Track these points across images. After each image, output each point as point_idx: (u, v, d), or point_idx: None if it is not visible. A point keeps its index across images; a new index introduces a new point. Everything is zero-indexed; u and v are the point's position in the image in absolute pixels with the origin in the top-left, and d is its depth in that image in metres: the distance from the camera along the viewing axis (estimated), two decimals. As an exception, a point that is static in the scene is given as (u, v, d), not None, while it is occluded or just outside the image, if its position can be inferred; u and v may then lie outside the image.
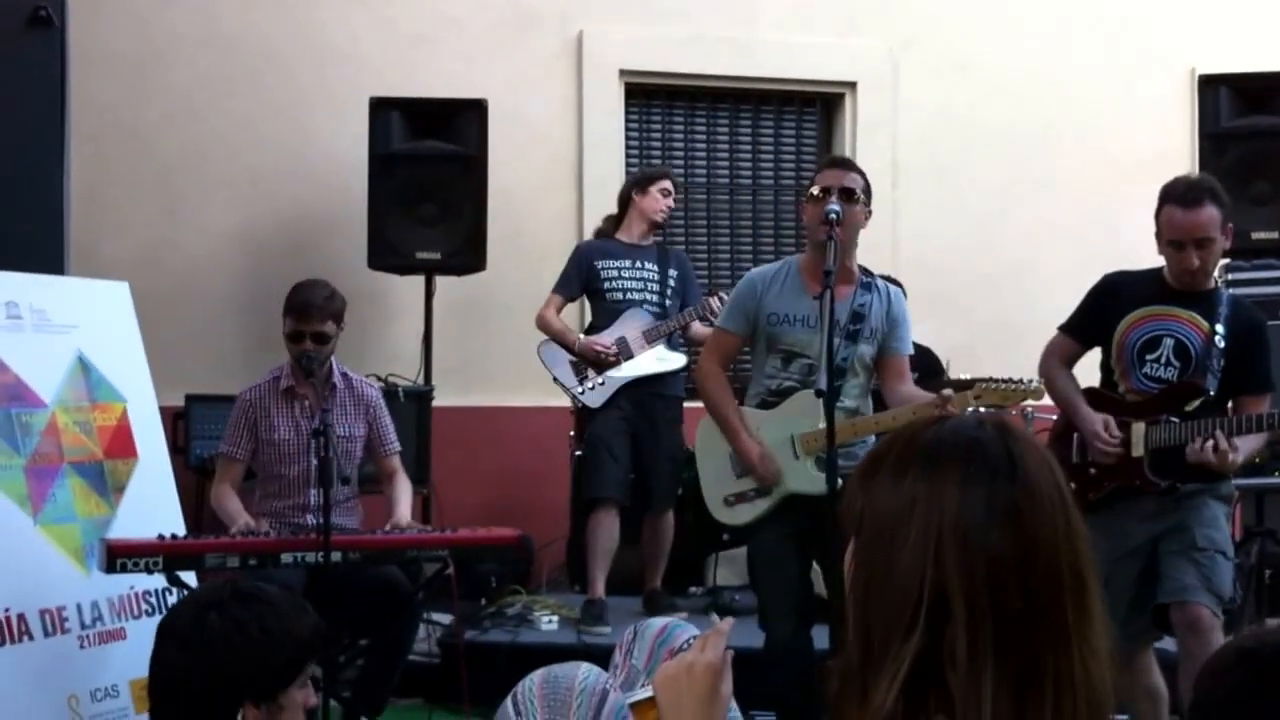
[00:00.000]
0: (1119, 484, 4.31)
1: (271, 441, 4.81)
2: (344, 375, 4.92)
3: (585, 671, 2.18)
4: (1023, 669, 1.42)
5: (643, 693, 1.95)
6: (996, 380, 4.31)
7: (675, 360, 6.07)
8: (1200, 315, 4.30)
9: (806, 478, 4.29)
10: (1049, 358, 4.57)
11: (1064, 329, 4.53)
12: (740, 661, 4.74)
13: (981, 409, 4.20)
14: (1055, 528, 1.47)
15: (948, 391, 4.28)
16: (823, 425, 4.02)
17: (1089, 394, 4.47)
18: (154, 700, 2.42)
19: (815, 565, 4.51)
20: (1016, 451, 1.49)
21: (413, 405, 6.28)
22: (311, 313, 4.77)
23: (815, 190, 4.37)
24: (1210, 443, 4.08)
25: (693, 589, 6.54)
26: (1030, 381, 4.30)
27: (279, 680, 2.36)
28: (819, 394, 3.85)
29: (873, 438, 4.52)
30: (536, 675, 2.20)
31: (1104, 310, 4.43)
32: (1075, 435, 4.41)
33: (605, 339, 5.99)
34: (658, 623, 2.48)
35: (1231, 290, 5.87)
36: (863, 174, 4.47)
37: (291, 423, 4.82)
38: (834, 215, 4.17)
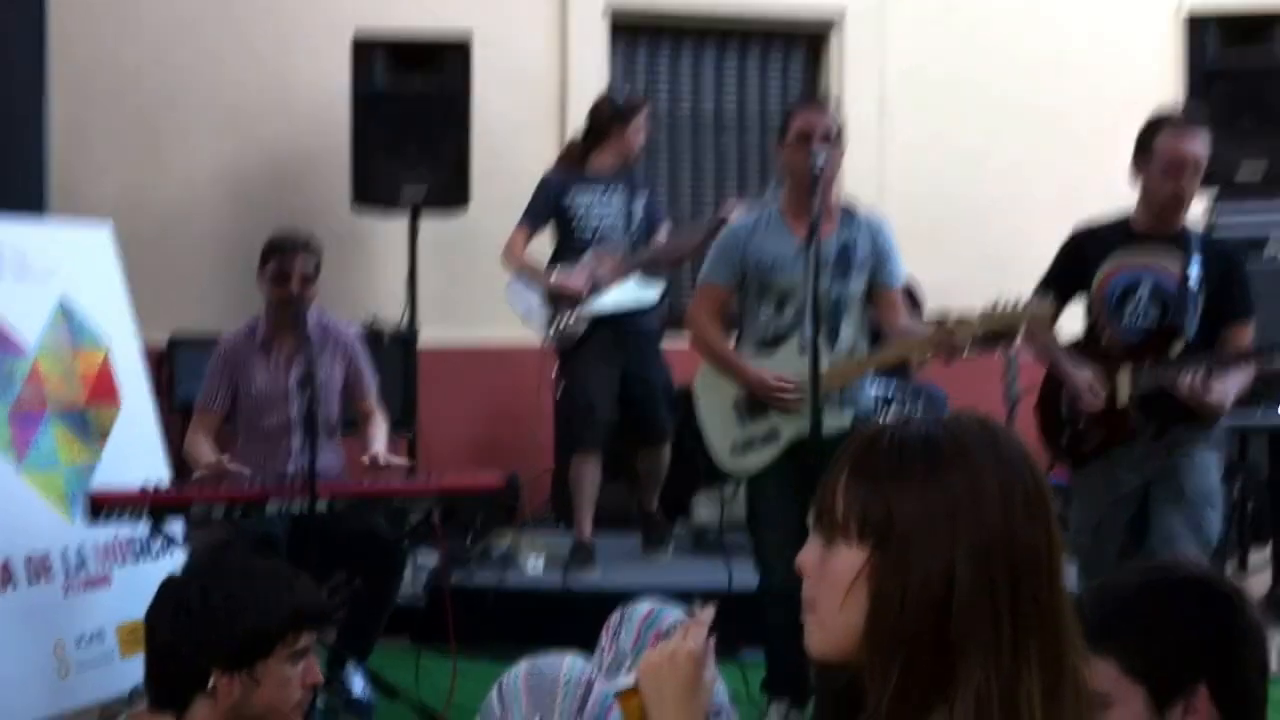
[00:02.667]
0: (1109, 434, 4.33)
1: (250, 394, 4.78)
2: (320, 320, 4.87)
3: (570, 663, 2.19)
4: (1053, 665, 1.42)
5: (626, 681, 1.97)
6: (998, 306, 4.10)
7: (651, 290, 5.96)
8: (1171, 257, 4.31)
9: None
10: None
11: (1041, 288, 4.52)
12: (733, 600, 4.82)
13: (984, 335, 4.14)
14: (1057, 518, 1.48)
15: (951, 319, 4.17)
16: (827, 367, 4.03)
17: (1075, 347, 4.49)
18: (145, 655, 2.46)
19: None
20: (1022, 445, 1.49)
21: (398, 348, 6.28)
22: (295, 251, 4.72)
23: (794, 133, 4.32)
24: (1199, 374, 4.09)
25: (678, 529, 6.57)
26: (1037, 303, 4.19)
27: (249, 650, 2.36)
28: (803, 351, 3.84)
29: (868, 386, 4.51)
30: (521, 667, 2.21)
31: (1076, 263, 4.45)
32: (1063, 391, 4.42)
33: (578, 277, 5.88)
34: (644, 606, 2.49)
35: (1218, 227, 5.92)
36: (836, 109, 4.44)
37: (269, 374, 4.79)
38: (819, 161, 4.14)
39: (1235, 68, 6.46)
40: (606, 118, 6.07)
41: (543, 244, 6.25)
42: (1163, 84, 7.61)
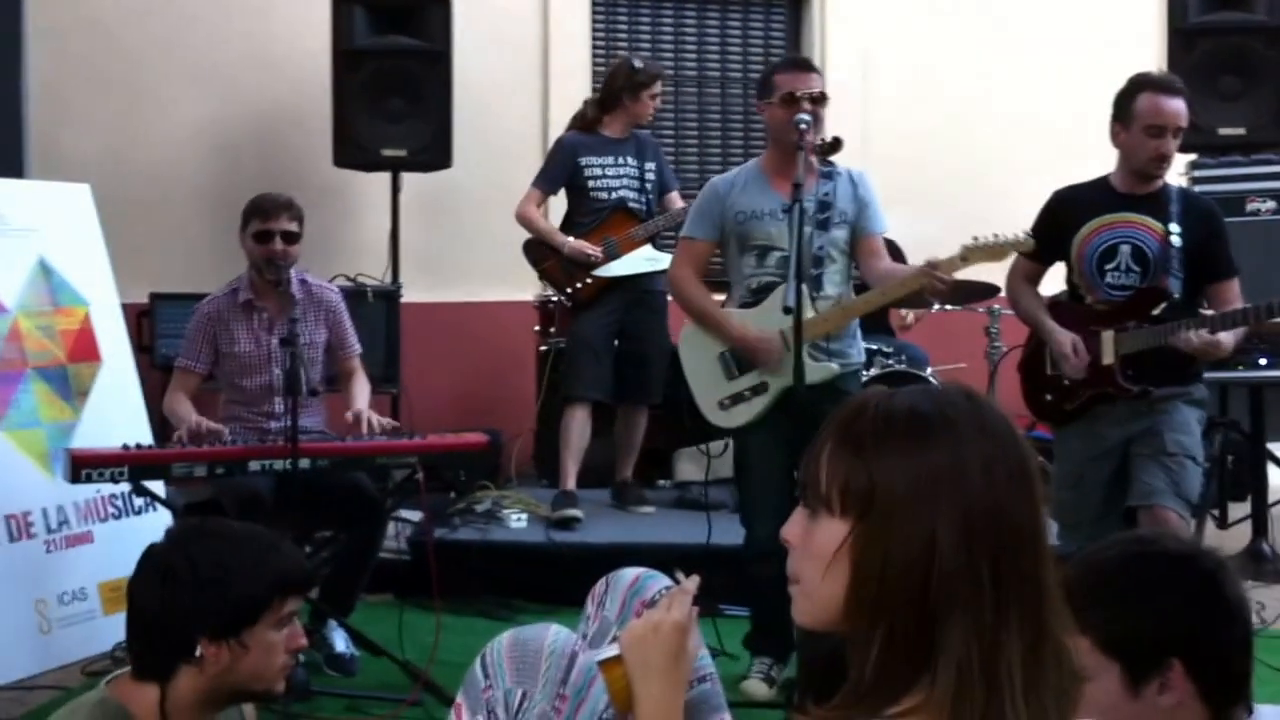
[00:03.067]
0: (1093, 393, 4.35)
1: (232, 354, 4.76)
2: (302, 281, 4.86)
3: (554, 633, 2.19)
4: (1034, 636, 1.42)
5: (610, 650, 1.98)
6: (980, 240, 4.17)
7: (663, 260, 6.01)
8: (1152, 217, 4.32)
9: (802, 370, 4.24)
10: (1013, 278, 4.63)
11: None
12: (718, 556, 4.85)
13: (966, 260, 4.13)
14: (1043, 491, 1.47)
15: (932, 258, 4.17)
16: (811, 314, 4.03)
17: (1057, 307, 4.50)
18: (127, 625, 2.45)
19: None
20: (1007, 418, 1.48)
21: (381, 305, 6.26)
22: (279, 210, 4.69)
23: (781, 93, 4.31)
24: (1201, 330, 4.11)
25: (661, 482, 6.60)
26: (1018, 234, 4.19)
27: (237, 618, 2.35)
28: (786, 311, 3.84)
29: (860, 341, 4.52)
30: (505, 638, 2.20)
31: (1057, 226, 4.45)
32: (1047, 349, 4.44)
33: (592, 241, 5.94)
34: (629, 574, 2.46)
35: (1198, 187, 5.92)
36: (819, 70, 4.43)
37: (251, 335, 4.77)
38: (805, 125, 4.14)
39: (1215, 26, 6.44)
40: (620, 85, 6.05)
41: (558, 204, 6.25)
42: (1145, 42, 7.62)
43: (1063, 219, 4.45)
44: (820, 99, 4.29)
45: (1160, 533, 2.04)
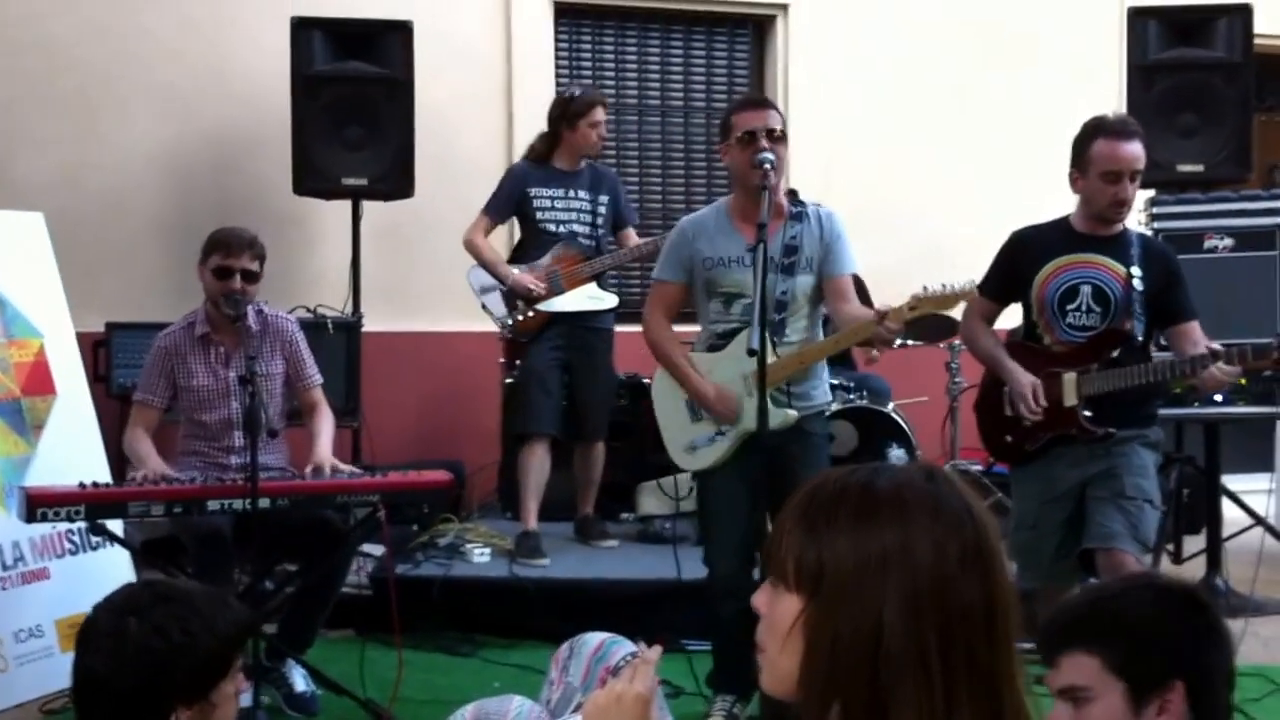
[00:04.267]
0: (1054, 434, 4.36)
1: (190, 388, 4.69)
2: (259, 312, 4.80)
3: (519, 704, 2.18)
4: (988, 713, 1.43)
5: None
6: (929, 290, 4.15)
7: (607, 300, 6.03)
8: (1113, 259, 4.34)
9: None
10: (969, 318, 4.61)
11: (981, 290, 4.46)
12: (682, 591, 4.83)
13: (915, 312, 4.11)
14: (1005, 572, 1.48)
15: (883, 306, 4.17)
16: (772, 359, 4.04)
17: (1016, 348, 4.50)
18: (78, 707, 2.39)
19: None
20: (969, 498, 1.49)
21: (341, 336, 6.20)
22: (242, 247, 4.63)
23: (739, 133, 4.30)
24: (1227, 365, 4.12)
25: (624, 515, 6.58)
26: (966, 283, 4.17)
27: (208, 679, 2.34)
28: (751, 353, 3.83)
29: (826, 382, 4.53)
30: (468, 710, 2.19)
31: (1016, 266, 4.46)
32: (1005, 388, 4.43)
33: (537, 274, 5.91)
34: (594, 639, 2.46)
35: (1156, 224, 5.98)
36: (778, 108, 4.42)
37: (209, 370, 4.71)
38: (769, 163, 4.14)
39: (1175, 63, 6.50)
40: (556, 116, 6.04)
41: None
42: (1104, 78, 7.70)
43: (1022, 259, 4.46)
44: (780, 137, 4.28)
45: (1161, 573, 2.25)
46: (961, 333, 4.67)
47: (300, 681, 4.62)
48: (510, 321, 5.95)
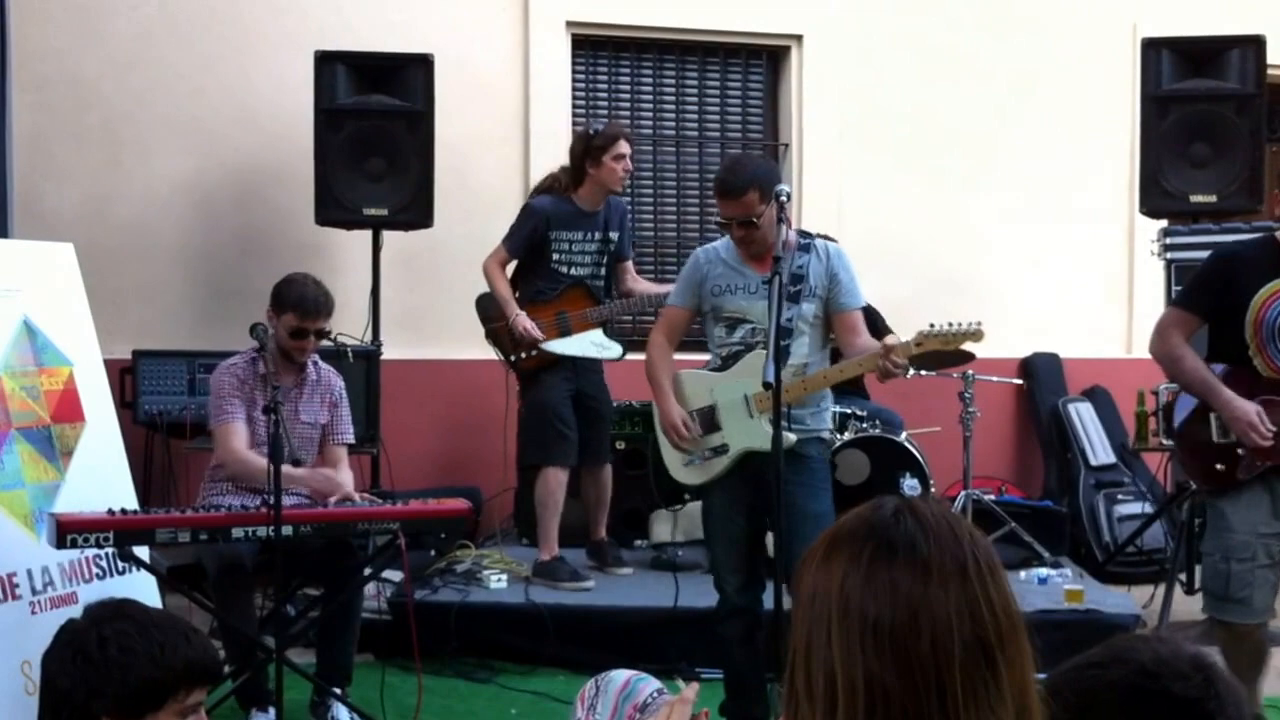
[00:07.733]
0: (1275, 462, 4.25)
1: (250, 419, 4.87)
2: (314, 364, 4.99)
3: None
4: None
5: None
6: (936, 326, 4.32)
7: (611, 350, 6.10)
8: None
9: (761, 435, 4.34)
10: (1169, 335, 4.38)
11: (1182, 304, 4.35)
12: (693, 619, 4.89)
13: (919, 346, 4.32)
14: (948, 603, 1.44)
15: (890, 340, 4.34)
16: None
17: (1225, 376, 4.33)
18: (40, 696, 2.51)
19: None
20: (911, 529, 1.48)
21: (361, 364, 6.30)
22: (319, 311, 4.85)
23: (720, 215, 4.53)
24: None
25: (638, 542, 6.64)
26: (971, 324, 4.29)
27: (139, 701, 2.39)
28: (766, 386, 3.93)
29: (828, 411, 4.65)
30: None
31: (1226, 284, 4.28)
32: (1213, 415, 4.30)
33: (545, 313, 6.01)
34: (620, 676, 2.47)
35: (1169, 254, 6.02)
36: (753, 180, 4.42)
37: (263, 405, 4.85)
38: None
39: (1188, 94, 6.57)
40: (580, 153, 6.07)
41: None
42: (1118, 108, 7.76)
43: (1233, 278, 4.28)
44: (749, 224, 4.42)
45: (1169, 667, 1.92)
46: (1158, 350, 4.41)
47: (344, 716, 4.72)
48: (513, 358, 6.08)
